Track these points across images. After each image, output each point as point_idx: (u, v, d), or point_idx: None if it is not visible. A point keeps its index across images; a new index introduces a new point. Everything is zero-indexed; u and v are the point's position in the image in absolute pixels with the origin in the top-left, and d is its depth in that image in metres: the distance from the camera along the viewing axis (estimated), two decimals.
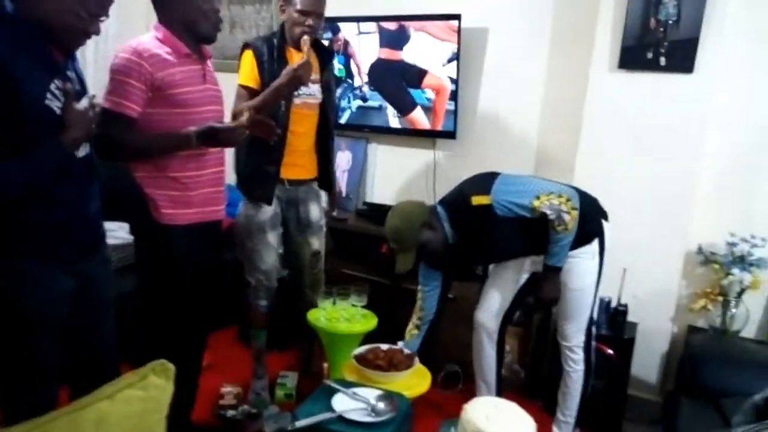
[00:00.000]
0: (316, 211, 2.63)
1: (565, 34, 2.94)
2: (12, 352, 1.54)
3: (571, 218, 2.09)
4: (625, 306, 2.63)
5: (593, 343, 2.35)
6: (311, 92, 2.44)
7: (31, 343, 1.54)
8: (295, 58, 2.33)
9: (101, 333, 1.75)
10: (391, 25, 3.20)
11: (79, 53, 2.57)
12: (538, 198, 2.10)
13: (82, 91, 1.56)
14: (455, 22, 2.98)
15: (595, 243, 2.24)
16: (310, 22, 2.31)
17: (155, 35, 1.94)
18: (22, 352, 1.54)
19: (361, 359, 2.06)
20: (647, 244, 2.67)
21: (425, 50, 3.13)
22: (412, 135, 3.33)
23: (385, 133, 3.42)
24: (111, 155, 1.84)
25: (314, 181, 2.62)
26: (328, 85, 2.54)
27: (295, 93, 2.35)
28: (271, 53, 2.35)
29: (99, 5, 1.46)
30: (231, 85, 2.36)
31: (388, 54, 3.25)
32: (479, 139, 3.19)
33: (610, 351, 2.52)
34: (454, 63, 3.05)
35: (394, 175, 3.49)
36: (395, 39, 3.21)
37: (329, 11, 2.48)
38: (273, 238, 2.50)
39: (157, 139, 1.94)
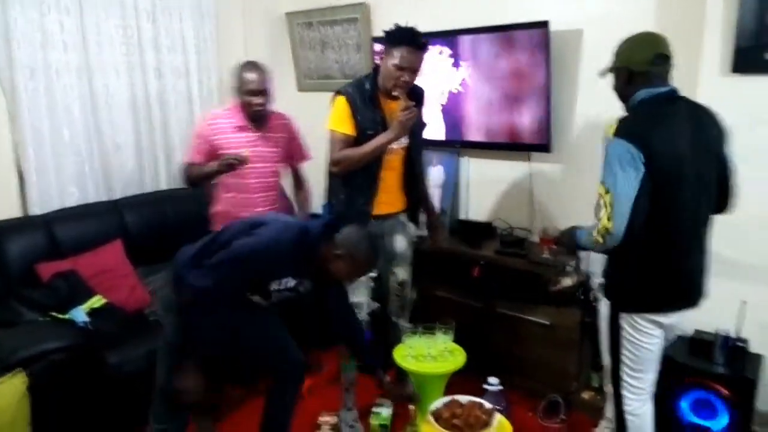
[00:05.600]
0: (401, 242, 2.65)
1: (667, 34, 2.62)
2: None
3: (598, 234, 1.81)
4: (745, 341, 2.35)
5: (626, 409, 2.03)
6: None
7: None
8: (392, 106, 2.37)
9: None
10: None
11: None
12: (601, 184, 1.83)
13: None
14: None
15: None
16: (405, 78, 2.31)
17: None
18: None
19: (438, 417, 2.02)
20: None
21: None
22: (504, 148, 3.18)
23: (476, 147, 3.28)
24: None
25: (400, 213, 2.64)
26: (414, 129, 2.48)
27: None
28: (363, 100, 2.38)
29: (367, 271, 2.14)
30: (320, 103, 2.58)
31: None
32: (577, 152, 2.97)
33: (726, 391, 2.28)
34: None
35: (489, 190, 3.33)
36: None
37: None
38: None
39: None
